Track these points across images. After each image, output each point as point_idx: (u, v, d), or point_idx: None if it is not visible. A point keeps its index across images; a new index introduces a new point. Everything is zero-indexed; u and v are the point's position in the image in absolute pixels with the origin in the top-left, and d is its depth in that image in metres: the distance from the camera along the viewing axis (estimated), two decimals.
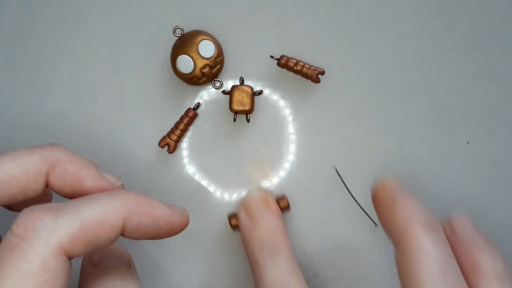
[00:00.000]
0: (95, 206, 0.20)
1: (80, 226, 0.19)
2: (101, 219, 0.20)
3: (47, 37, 0.31)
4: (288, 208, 0.29)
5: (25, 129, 0.31)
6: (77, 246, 0.19)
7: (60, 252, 0.19)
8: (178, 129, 0.30)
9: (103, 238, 0.20)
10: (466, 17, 0.31)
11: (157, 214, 0.22)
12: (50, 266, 0.19)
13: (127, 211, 0.21)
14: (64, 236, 0.19)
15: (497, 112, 0.31)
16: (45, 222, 0.19)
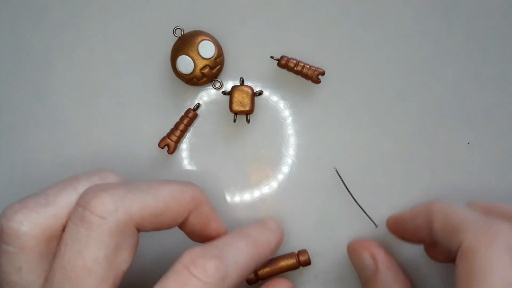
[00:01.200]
0: (244, 255, 0.24)
1: (239, 274, 0.23)
2: (249, 266, 0.24)
3: (47, 37, 0.31)
4: (308, 263, 0.29)
5: (25, 130, 0.31)
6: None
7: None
8: (178, 130, 0.30)
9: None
10: (466, 17, 0.31)
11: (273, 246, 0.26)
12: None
13: (259, 254, 0.25)
14: (231, 284, 0.22)
15: (498, 112, 0.31)
16: (220, 270, 0.22)
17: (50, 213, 0.22)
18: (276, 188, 0.31)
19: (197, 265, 0.21)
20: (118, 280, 0.22)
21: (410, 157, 0.31)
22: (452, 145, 0.31)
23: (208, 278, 0.21)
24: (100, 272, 0.21)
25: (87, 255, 0.21)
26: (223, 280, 0.22)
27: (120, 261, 0.22)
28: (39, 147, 0.31)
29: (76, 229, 0.21)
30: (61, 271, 0.21)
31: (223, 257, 0.22)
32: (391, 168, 0.31)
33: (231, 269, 0.22)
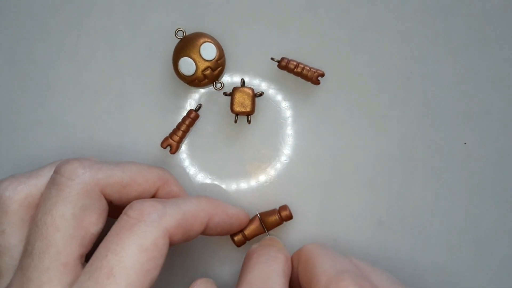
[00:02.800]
0: (190, 204, 0.25)
1: (182, 216, 0.24)
2: (195, 213, 0.25)
3: (49, 38, 0.31)
4: (290, 217, 0.30)
5: (27, 129, 0.31)
6: (178, 232, 0.23)
7: (167, 234, 0.23)
8: (180, 130, 0.30)
9: (194, 230, 0.25)
10: (465, 18, 0.31)
11: (231, 212, 0.27)
12: (159, 245, 0.22)
13: (211, 210, 0.26)
14: (171, 221, 0.23)
15: (495, 112, 0.31)
16: (157, 209, 0.23)
17: (31, 182, 0.25)
18: (276, 187, 0.31)
19: (134, 208, 0.23)
20: (86, 241, 0.23)
21: (409, 157, 0.31)
22: (450, 145, 0.31)
23: (144, 216, 0.22)
24: (68, 229, 0.23)
25: (56, 212, 0.23)
26: (161, 217, 0.23)
27: (88, 222, 0.23)
28: (41, 146, 0.31)
29: (48, 191, 0.24)
30: (34, 228, 0.23)
31: (163, 201, 0.24)
32: (390, 168, 0.31)
33: (171, 209, 0.23)
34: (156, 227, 0.22)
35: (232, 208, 0.27)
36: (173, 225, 0.23)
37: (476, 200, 0.31)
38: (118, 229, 0.22)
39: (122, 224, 0.22)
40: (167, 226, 0.23)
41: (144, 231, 0.22)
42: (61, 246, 0.22)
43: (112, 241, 0.22)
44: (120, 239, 0.22)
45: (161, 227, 0.23)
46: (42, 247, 0.22)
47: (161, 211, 0.23)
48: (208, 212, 0.25)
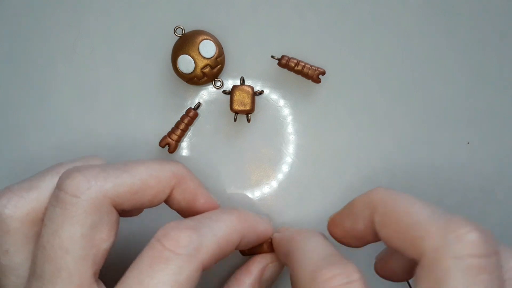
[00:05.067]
0: (224, 227, 0.23)
1: (217, 245, 0.22)
2: (228, 239, 0.23)
3: (48, 36, 0.31)
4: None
5: (26, 129, 0.31)
6: (212, 262, 0.22)
7: (201, 267, 0.22)
8: (178, 129, 0.30)
9: (226, 253, 0.23)
10: (466, 17, 0.31)
11: (260, 230, 0.26)
12: (193, 278, 0.21)
13: (243, 230, 0.24)
14: (207, 255, 0.22)
15: (498, 112, 0.31)
16: (193, 241, 0.21)
17: (33, 197, 0.23)
18: (276, 187, 0.31)
19: (169, 238, 0.21)
20: (99, 258, 0.22)
21: (410, 157, 0.31)
22: (451, 145, 0.31)
23: (181, 249, 0.21)
24: (78, 251, 0.21)
25: (63, 234, 0.21)
26: (197, 250, 0.21)
27: (99, 240, 0.22)
28: (40, 145, 0.31)
29: (52, 209, 0.22)
30: (41, 251, 0.21)
31: (198, 228, 0.22)
32: (391, 167, 0.31)
33: (207, 240, 0.22)
34: (192, 262, 0.21)
35: (261, 224, 0.26)
36: (208, 257, 0.22)
37: (478, 200, 0.31)
38: (151, 260, 0.21)
39: (156, 255, 0.21)
40: (203, 260, 0.22)
41: (180, 266, 0.21)
42: (72, 269, 0.21)
43: (145, 273, 0.21)
44: (153, 272, 0.21)
45: (197, 261, 0.21)
46: (53, 270, 0.21)
47: (197, 243, 0.21)
48: (240, 234, 0.24)
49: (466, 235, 0.19)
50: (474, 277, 0.18)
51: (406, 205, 0.21)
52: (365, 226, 0.23)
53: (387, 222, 0.21)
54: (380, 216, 0.22)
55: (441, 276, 0.19)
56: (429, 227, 0.20)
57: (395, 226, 0.21)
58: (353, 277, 0.20)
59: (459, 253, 0.19)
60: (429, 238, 0.19)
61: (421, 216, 0.20)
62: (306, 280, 0.21)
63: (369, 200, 0.23)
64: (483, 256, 0.18)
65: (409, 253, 0.20)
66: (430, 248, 0.19)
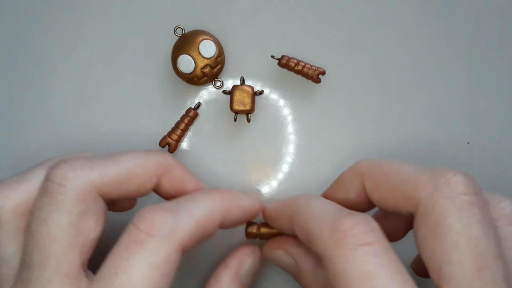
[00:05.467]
0: (203, 206, 0.23)
1: (195, 225, 0.22)
2: (208, 218, 0.23)
3: (48, 36, 0.31)
4: None
5: (26, 128, 0.31)
6: (191, 242, 0.22)
7: (179, 248, 0.22)
8: (178, 129, 0.30)
9: (208, 234, 0.23)
10: (466, 17, 0.31)
11: (245, 206, 0.25)
12: (172, 259, 0.21)
13: (225, 208, 0.24)
14: (184, 234, 0.22)
15: (498, 112, 0.31)
16: (168, 222, 0.21)
17: (23, 188, 0.23)
18: (276, 187, 0.31)
19: (144, 221, 0.21)
20: (86, 248, 0.22)
21: (410, 157, 0.31)
22: (452, 145, 0.31)
23: (155, 231, 0.21)
24: (66, 239, 0.22)
25: (51, 222, 0.22)
26: (173, 231, 0.21)
27: (86, 228, 0.22)
28: (40, 145, 0.31)
29: (40, 199, 0.22)
30: (30, 240, 0.22)
31: (174, 209, 0.22)
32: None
33: (183, 220, 0.22)
34: (168, 243, 0.21)
35: (246, 200, 0.26)
36: (186, 237, 0.22)
37: None
38: (127, 243, 0.21)
39: (132, 238, 0.21)
40: (180, 240, 0.22)
41: (156, 247, 0.21)
42: (60, 257, 0.21)
43: (122, 256, 0.21)
44: (130, 255, 0.21)
45: (174, 242, 0.21)
46: (41, 259, 0.21)
47: (173, 223, 0.21)
48: (222, 212, 0.24)
49: (454, 178, 0.21)
50: (468, 211, 0.20)
51: (393, 166, 0.23)
52: (357, 195, 0.24)
53: (378, 185, 0.23)
54: (371, 181, 0.23)
55: (439, 217, 0.20)
56: (419, 178, 0.21)
57: (386, 186, 0.23)
58: (373, 225, 0.21)
59: (451, 193, 0.20)
60: (421, 187, 0.21)
61: (409, 172, 0.22)
62: (326, 232, 0.21)
63: (357, 170, 0.24)
64: (471, 193, 0.20)
65: (404, 207, 0.22)
66: (424, 195, 0.21)
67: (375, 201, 0.23)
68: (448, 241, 0.20)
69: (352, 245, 0.20)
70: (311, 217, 0.22)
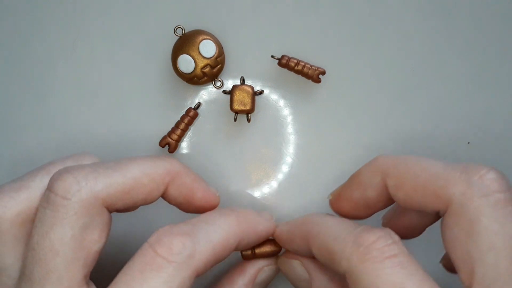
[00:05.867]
0: (220, 231, 0.23)
1: (212, 252, 0.22)
2: (224, 244, 0.23)
3: (47, 36, 0.31)
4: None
5: (24, 128, 0.31)
6: (206, 268, 0.22)
7: (195, 274, 0.21)
8: (178, 129, 0.30)
9: (222, 258, 0.23)
10: (466, 17, 0.31)
11: (260, 230, 0.25)
12: (186, 285, 0.21)
13: (241, 233, 0.24)
14: (201, 261, 0.21)
15: (499, 112, 0.31)
16: (186, 247, 0.21)
17: (23, 197, 0.22)
18: (276, 187, 0.31)
19: (162, 244, 0.21)
20: (90, 260, 0.22)
21: None
22: (452, 145, 0.31)
23: (174, 256, 0.21)
24: (68, 253, 0.21)
25: (53, 236, 0.21)
26: (190, 258, 0.21)
27: (90, 241, 0.22)
28: (39, 145, 0.31)
29: (43, 211, 0.21)
30: (31, 252, 0.21)
31: (193, 234, 0.22)
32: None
33: (201, 246, 0.22)
34: (185, 270, 0.21)
35: (262, 224, 0.25)
36: (202, 264, 0.21)
37: None
38: (143, 266, 0.21)
39: (148, 261, 0.21)
40: (196, 267, 0.21)
41: (172, 274, 0.20)
42: (62, 271, 0.21)
43: (136, 279, 0.20)
44: (144, 279, 0.20)
45: (190, 269, 0.21)
46: (42, 272, 0.21)
47: (191, 250, 0.21)
48: (238, 236, 0.23)
49: (487, 175, 0.20)
50: (503, 209, 0.19)
51: (418, 162, 0.22)
52: (377, 193, 0.23)
53: (404, 183, 0.22)
54: (395, 178, 0.22)
55: (473, 216, 0.20)
56: (450, 175, 0.21)
57: (413, 184, 0.22)
58: (395, 238, 0.21)
59: (485, 191, 0.20)
60: (453, 185, 0.20)
61: (438, 168, 0.21)
62: (349, 249, 0.20)
63: (377, 167, 0.23)
64: (506, 190, 0.20)
65: (432, 206, 0.21)
66: (456, 193, 0.20)
67: (399, 200, 0.23)
68: (483, 242, 0.19)
69: (378, 258, 0.20)
70: (329, 235, 0.22)
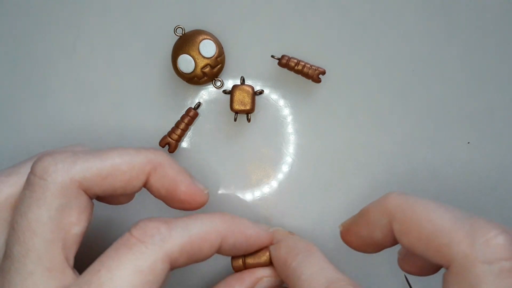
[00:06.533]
0: (200, 224, 0.23)
1: (188, 239, 0.22)
2: (204, 236, 0.23)
3: (48, 36, 0.31)
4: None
5: (24, 127, 0.31)
6: (182, 257, 0.22)
7: (167, 259, 0.21)
8: (179, 129, 0.30)
9: (202, 254, 0.23)
10: (466, 17, 0.31)
11: (249, 233, 0.25)
12: (156, 269, 0.21)
13: (225, 231, 0.23)
14: (174, 246, 0.22)
15: (498, 112, 0.31)
16: (161, 232, 0.21)
17: (12, 181, 0.23)
18: (277, 187, 0.31)
19: (138, 228, 0.21)
20: (69, 243, 0.22)
21: (410, 156, 0.31)
22: (452, 144, 0.31)
23: (146, 238, 0.21)
24: (47, 233, 0.21)
25: (31, 215, 0.21)
26: (163, 241, 0.21)
27: (68, 223, 0.22)
28: (39, 144, 0.31)
29: (23, 192, 0.22)
30: (11, 232, 0.21)
31: (170, 222, 0.22)
32: (391, 167, 0.31)
33: (177, 233, 0.22)
34: (156, 251, 0.21)
35: (251, 228, 0.25)
36: (176, 250, 0.22)
37: (478, 200, 0.31)
38: (118, 246, 0.21)
39: (123, 242, 0.21)
40: (169, 251, 0.21)
41: (143, 252, 0.21)
42: (41, 251, 0.21)
43: (109, 256, 0.21)
44: (116, 255, 0.21)
45: (162, 251, 0.21)
46: (22, 251, 0.21)
47: (165, 234, 0.22)
48: (221, 233, 0.23)
49: (494, 239, 0.19)
50: (507, 279, 0.19)
51: (426, 211, 0.21)
52: (384, 235, 0.22)
53: (408, 230, 0.21)
54: (400, 224, 0.21)
55: (474, 282, 0.19)
56: (455, 233, 0.20)
57: (417, 234, 0.21)
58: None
59: (490, 257, 0.19)
60: (456, 244, 0.19)
61: (444, 222, 0.20)
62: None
63: (384, 208, 0.22)
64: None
65: (435, 260, 0.20)
66: (459, 255, 0.19)
67: (403, 245, 0.22)
68: None
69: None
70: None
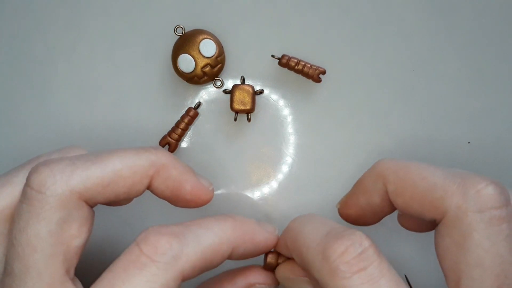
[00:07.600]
0: (212, 236, 0.22)
1: (200, 255, 0.21)
2: (216, 248, 0.22)
3: (48, 36, 0.31)
4: None
5: (24, 127, 0.31)
6: (194, 272, 0.21)
7: (180, 277, 0.21)
8: (179, 128, 0.30)
9: (213, 265, 0.22)
10: (466, 16, 0.31)
11: (258, 240, 0.24)
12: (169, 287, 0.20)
13: (235, 240, 0.23)
14: (187, 264, 0.21)
15: (498, 112, 0.31)
16: (173, 248, 0.20)
17: (6, 192, 0.22)
18: (276, 187, 0.31)
19: (148, 242, 0.20)
20: (70, 256, 0.21)
21: (411, 156, 0.31)
22: (452, 144, 0.31)
23: (158, 256, 0.20)
24: (47, 248, 0.20)
25: (30, 231, 0.20)
26: (176, 259, 0.20)
27: (68, 236, 0.21)
28: (39, 144, 0.31)
29: (20, 205, 0.21)
30: (11, 248, 0.21)
31: (182, 235, 0.21)
32: None
33: (189, 248, 0.21)
34: (169, 271, 0.20)
35: (260, 234, 0.24)
36: (189, 267, 0.21)
37: None
38: (126, 264, 0.20)
39: (132, 259, 0.20)
40: (182, 269, 0.20)
41: (155, 274, 0.20)
42: (42, 267, 0.20)
43: (119, 276, 0.20)
44: (127, 277, 0.20)
45: (175, 271, 0.20)
46: (21, 268, 0.20)
47: (177, 251, 0.20)
48: (232, 243, 0.22)
49: (485, 190, 0.20)
50: (497, 226, 0.19)
51: (418, 170, 0.22)
52: (381, 198, 0.23)
53: (402, 189, 0.22)
54: (393, 185, 0.22)
55: (466, 231, 0.20)
56: (448, 187, 0.20)
57: (411, 193, 0.22)
58: (365, 244, 0.20)
59: (480, 207, 0.20)
60: (449, 197, 0.20)
61: (436, 178, 0.21)
62: (319, 262, 0.20)
63: (377, 172, 0.23)
64: (502, 206, 0.20)
65: (429, 215, 0.21)
66: (452, 206, 0.20)
67: (397, 206, 0.23)
68: (472, 257, 0.20)
69: (346, 274, 0.19)
70: (304, 244, 0.21)
